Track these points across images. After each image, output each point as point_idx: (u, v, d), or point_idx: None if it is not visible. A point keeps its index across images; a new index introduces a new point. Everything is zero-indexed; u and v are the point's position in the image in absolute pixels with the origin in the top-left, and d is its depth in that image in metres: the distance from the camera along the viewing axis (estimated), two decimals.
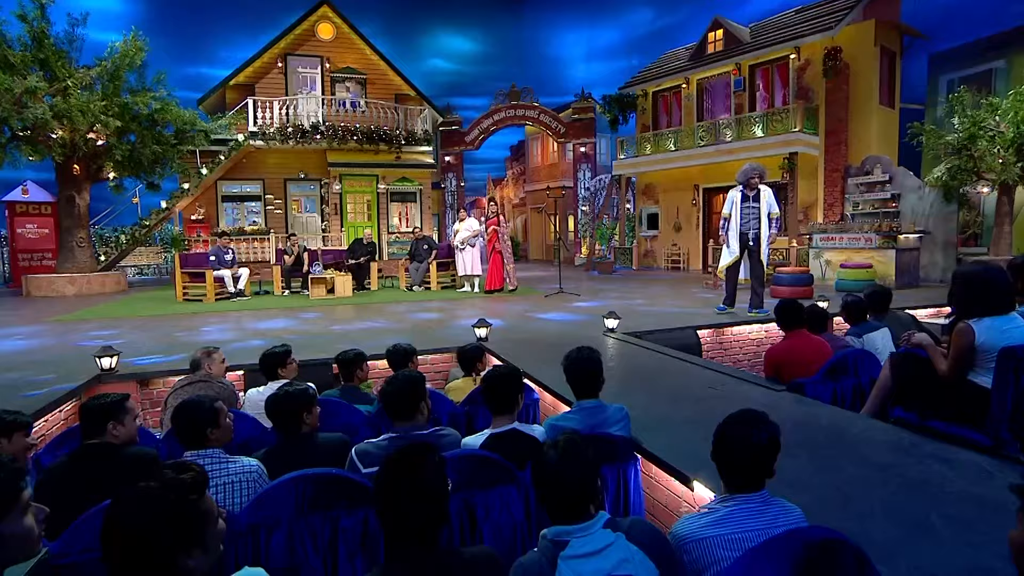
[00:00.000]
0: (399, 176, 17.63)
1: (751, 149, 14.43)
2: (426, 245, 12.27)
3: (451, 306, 9.32)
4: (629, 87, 18.93)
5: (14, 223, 15.00)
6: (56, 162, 12.33)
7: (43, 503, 1.43)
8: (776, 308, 4.09)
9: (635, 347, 5.38)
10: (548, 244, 25.81)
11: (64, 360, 5.29)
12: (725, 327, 6.69)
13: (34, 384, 4.32)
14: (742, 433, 1.71)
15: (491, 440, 2.47)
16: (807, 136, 13.91)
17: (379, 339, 6.21)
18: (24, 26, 11.66)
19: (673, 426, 3.09)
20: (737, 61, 15.81)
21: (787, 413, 3.23)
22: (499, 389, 2.56)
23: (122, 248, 15.27)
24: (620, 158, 18.27)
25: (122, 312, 9.21)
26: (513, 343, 5.69)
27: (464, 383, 4.01)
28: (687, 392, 3.81)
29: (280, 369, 3.56)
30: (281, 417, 2.42)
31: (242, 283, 11.03)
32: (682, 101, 17.62)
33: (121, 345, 5.05)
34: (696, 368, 4.51)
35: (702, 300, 9.31)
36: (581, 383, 2.71)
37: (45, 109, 11.03)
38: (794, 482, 2.29)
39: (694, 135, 15.92)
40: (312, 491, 2.04)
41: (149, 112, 12.74)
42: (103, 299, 11.48)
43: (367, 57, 18.29)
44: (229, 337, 6.59)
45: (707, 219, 17.12)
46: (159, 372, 4.88)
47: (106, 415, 2.30)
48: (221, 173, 16.27)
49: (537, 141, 26.08)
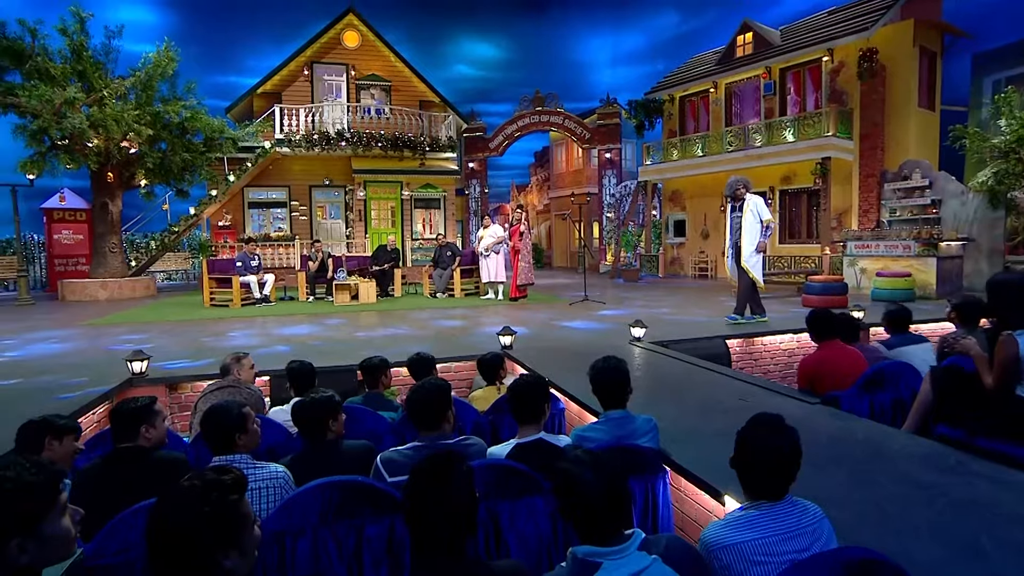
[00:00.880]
0: (423, 183, 17.79)
1: (781, 154, 14.23)
2: (449, 252, 12.34)
3: (475, 313, 9.35)
4: (655, 92, 18.85)
5: (51, 229, 15.53)
6: (91, 170, 12.75)
7: (77, 505, 1.47)
8: (808, 318, 3.99)
9: (662, 357, 5.32)
10: (572, 251, 25.73)
11: (96, 364, 5.44)
12: (755, 337, 6.59)
13: (68, 387, 4.45)
14: (762, 439, 1.71)
15: (517, 450, 2.46)
16: (841, 140, 13.66)
17: (403, 346, 6.25)
18: (64, 39, 12.13)
19: (703, 438, 3.04)
20: (767, 64, 15.63)
21: (821, 427, 3.16)
22: (525, 398, 2.56)
23: (152, 254, 15.69)
24: (646, 164, 18.17)
25: (151, 317, 9.44)
26: (538, 351, 5.68)
27: (487, 392, 4.01)
28: (717, 403, 3.75)
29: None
30: (307, 424, 2.45)
31: (267, 289, 11.21)
32: (710, 106, 17.47)
33: (150, 350, 5.17)
34: (725, 379, 4.44)
35: (731, 309, 9.15)
36: (608, 393, 2.69)
37: (82, 119, 11.44)
38: (829, 498, 2.24)
39: (722, 140, 15.76)
40: (338, 499, 2.05)
41: (180, 120, 13.11)
42: (133, 304, 11.78)
43: (392, 64, 18.54)
44: (255, 343, 6.70)
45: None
46: (187, 376, 4.98)
47: (138, 418, 2.36)
48: (248, 180, 16.60)
49: (561, 147, 26.08)
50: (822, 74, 14.69)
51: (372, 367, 3.65)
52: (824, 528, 1.71)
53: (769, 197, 15.59)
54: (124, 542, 1.85)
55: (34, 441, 2.30)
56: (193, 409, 3.62)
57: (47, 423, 2.33)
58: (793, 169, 14.82)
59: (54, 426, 2.33)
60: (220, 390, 3.52)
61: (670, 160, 17.35)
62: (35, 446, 2.29)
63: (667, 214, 19.14)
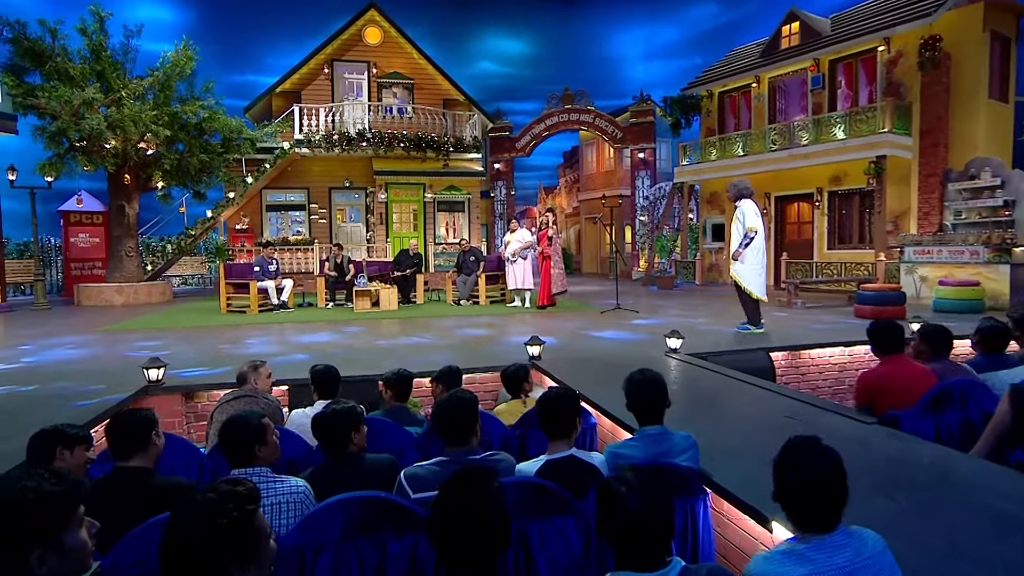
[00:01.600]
0: (446, 184, 17.94)
1: (831, 153, 13.95)
2: (473, 257, 12.40)
3: (501, 321, 9.37)
4: (692, 88, 18.71)
5: (68, 232, 16.05)
6: (108, 172, 13.17)
7: (91, 517, 1.51)
8: (871, 329, 3.81)
9: (700, 369, 5.26)
10: (603, 257, 25.64)
11: (112, 371, 5.60)
12: (802, 350, 6.47)
13: (84, 394, 4.58)
14: (799, 466, 1.65)
15: (547, 467, 2.45)
16: (898, 137, 13.31)
17: (426, 355, 6.30)
18: (84, 39, 12.58)
19: (747, 458, 2.99)
20: (815, 56, 15.36)
21: (879, 449, 3.07)
22: (555, 412, 2.56)
23: (168, 258, 16.10)
24: (682, 164, 18.02)
25: (167, 323, 9.68)
26: (567, 362, 5.67)
27: (512, 406, 4.01)
28: (761, 421, 3.69)
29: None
30: (328, 437, 2.48)
31: (285, 295, 11.40)
32: (752, 102, 17.27)
33: (166, 357, 5.29)
34: (770, 394, 4.37)
35: (774, 319, 9.03)
36: (644, 408, 2.68)
37: (100, 120, 11.83)
38: (889, 526, 2.16)
39: (765, 139, 15.55)
40: (360, 515, 2.07)
41: (197, 121, 13.48)
42: (149, 309, 12.10)
43: (414, 61, 18.76)
44: (273, 351, 6.81)
45: (779, 230, 16.65)
46: (204, 385, 5.09)
47: (149, 424, 2.39)
48: (266, 182, 16.94)
49: (592, 147, 26.06)
50: (877, 65, 14.37)
51: (398, 380, 3.68)
52: (886, 562, 1.64)
53: (817, 199, 15.31)
54: (141, 555, 1.89)
55: (46, 451, 2.35)
56: (209, 419, 3.69)
57: (59, 433, 2.38)
58: (843, 169, 14.53)
59: (66, 436, 2.38)
60: (237, 400, 3.58)
61: (708, 160, 17.18)
62: (47, 456, 2.33)
63: (704, 217, 18.95)
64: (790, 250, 15.04)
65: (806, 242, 15.76)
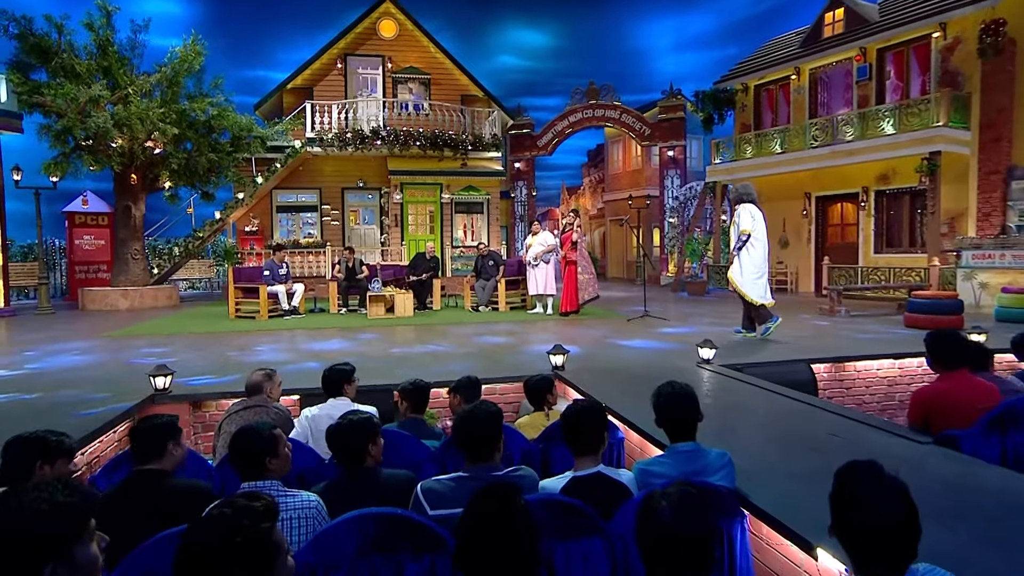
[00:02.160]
0: (465, 185, 18.02)
1: (878, 149, 13.71)
2: (492, 261, 12.43)
3: (522, 329, 9.39)
4: (726, 81, 18.59)
5: (72, 234, 16.41)
6: (114, 172, 13.45)
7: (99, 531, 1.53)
8: (929, 340, 3.70)
9: (735, 382, 5.23)
10: (630, 261, 25.53)
11: (117, 378, 5.71)
12: (847, 361, 6.39)
13: (88, 403, 4.68)
14: (860, 510, 1.53)
15: (573, 484, 2.44)
16: (954, 131, 13.01)
17: (443, 364, 6.33)
18: (90, 34, 12.86)
19: (787, 478, 2.95)
20: (862, 45, 15.11)
21: (935, 472, 3.00)
22: (581, 426, 2.56)
23: (175, 261, 16.36)
24: (715, 163, 17.90)
25: (173, 329, 9.84)
26: (592, 373, 5.66)
27: (534, 418, 4.02)
28: (802, 438, 3.64)
29: (347, 386, 3.80)
30: (344, 449, 2.50)
31: (296, 300, 11.53)
32: (791, 95, 17.09)
33: (173, 364, 5.39)
34: (811, 409, 4.31)
35: (816, 328, 8.93)
36: (675, 423, 2.66)
37: (107, 118, 12.09)
38: (950, 559, 2.09)
39: (805, 134, 15.38)
40: (375, 532, 2.08)
41: (206, 119, 13.70)
42: (155, 314, 12.32)
43: (431, 55, 18.90)
44: (283, 358, 6.89)
45: (821, 233, 16.43)
46: (212, 394, 5.17)
47: (166, 433, 2.46)
48: (277, 182, 17.17)
49: (618, 145, 26.00)
50: (931, 53, 14.07)
51: (415, 390, 3.70)
52: None
53: (863, 200, 15.06)
54: (149, 570, 1.92)
55: (21, 464, 2.18)
56: (216, 431, 3.74)
57: (38, 442, 2.23)
58: (892, 166, 14.28)
59: (46, 447, 2.22)
60: (246, 410, 3.64)
61: (743, 158, 17.04)
62: (21, 470, 2.16)
63: None
64: (833, 254, 14.81)
65: (850, 245, 15.53)
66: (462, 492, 2.27)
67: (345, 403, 3.69)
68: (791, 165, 15.68)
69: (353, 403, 3.72)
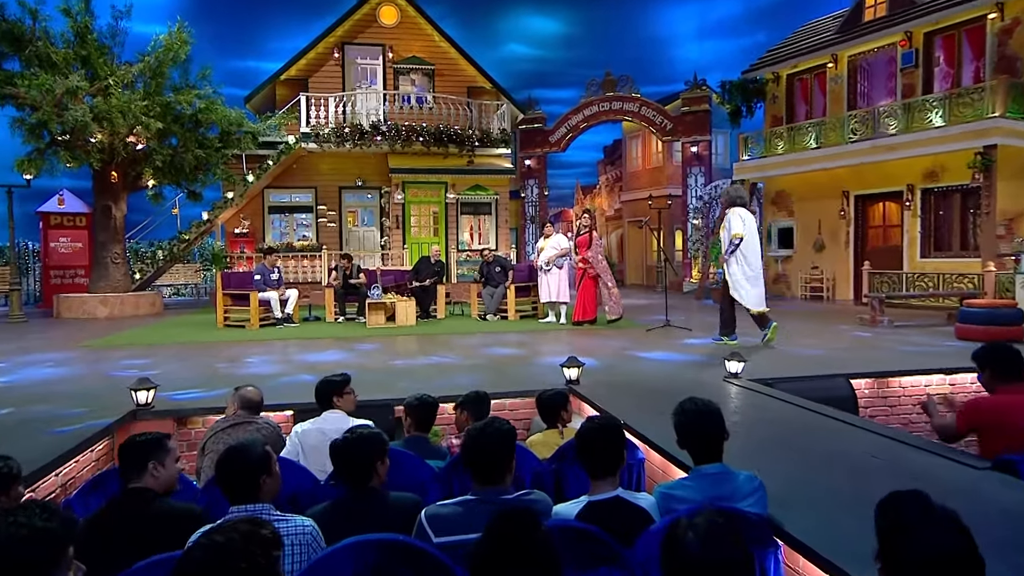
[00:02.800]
0: (471, 184, 18.07)
1: (925, 143, 13.55)
2: (499, 267, 12.43)
3: (533, 340, 9.41)
4: (756, 70, 18.56)
5: (48, 236, 16.51)
6: (93, 169, 13.53)
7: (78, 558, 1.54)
8: (984, 353, 3.64)
9: (766, 398, 5.22)
10: (650, 266, 25.48)
11: (95, 392, 5.74)
12: (891, 376, 6.34)
13: (64, 419, 4.70)
14: (911, 545, 1.47)
15: (589, 509, 2.44)
16: (1012, 122, 12.78)
17: (448, 377, 6.35)
18: (68, 21, 12.98)
19: (825, 504, 2.93)
20: (907, 29, 14.99)
21: (993, 500, 2.96)
22: (597, 446, 2.55)
23: (158, 265, 16.48)
24: (743, 159, 17.85)
25: (157, 338, 9.91)
26: (610, 388, 5.67)
27: (547, 436, 4.03)
28: (840, 460, 3.62)
29: (336, 398, 3.80)
30: (350, 466, 2.50)
31: (290, 307, 11.59)
32: (827, 85, 17.04)
33: (156, 377, 5.41)
34: (851, 429, 4.30)
35: (856, 340, 8.87)
36: (699, 443, 2.66)
37: (85, 111, 12.17)
38: None
39: (843, 128, 15.31)
40: (375, 560, 2.07)
41: (192, 112, 13.81)
42: (137, 322, 12.40)
43: (435, 44, 19.00)
44: (275, 371, 6.94)
45: (860, 235, 16.33)
46: (198, 409, 5.20)
47: (147, 453, 2.46)
48: (269, 180, 17.28)
49: (637, 140, 25.99)
50: (986, 36, 13.91)
51: (421, 406, 3.71)
52: None
53: (907, 199, 14.93)
54: None
55: None
56: (200, 450, 3.75)
57: None
58: (941, 162, 14.17)
59: None
60: (233, 427, 3.65)
61: (774, 154, 16.99)
62: None
63: (770, 221, 18.71)
64: (874, 259, 14.71)
65: (893, 249, 15.42)
66: (470, 517, 2.26)
67: (339, 417, 3.69)
68: (828, 161, 15.61)
69: (348, 417, 3.73)
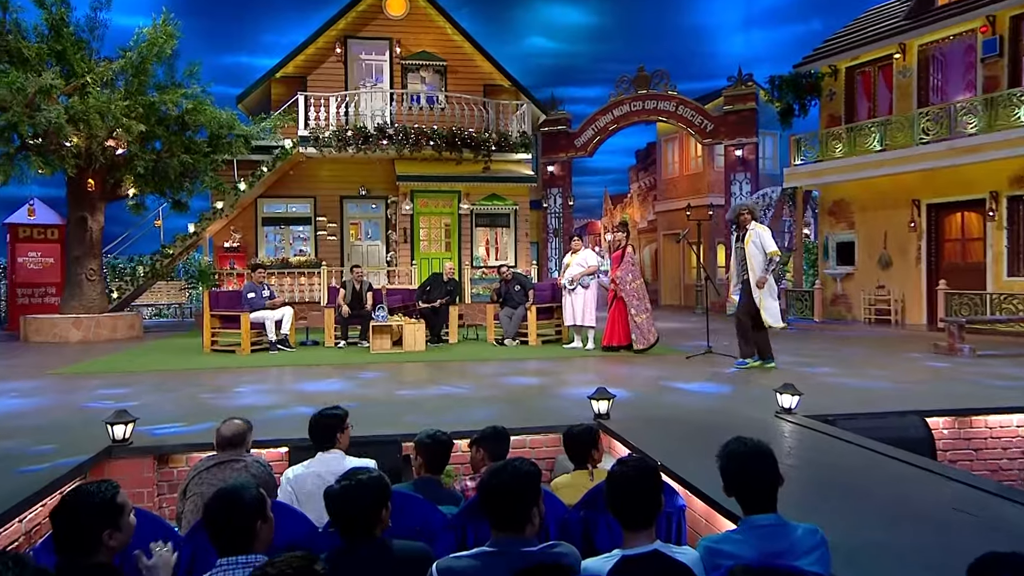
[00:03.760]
0: (487, 193, 18.16)
1: (1011, 144, 13.39)
2: (518, 286, 12.42)
3: (556, 368, 9.40)
4: (810, 63, 18.52)
5: (15, 251, 16.73)
6: (68, 176, 13.73)
7: None
8: None
9: (826, 438, 5.17)
10: (688, 284, 25.37)
11: (66, 426, 5.78)
12: (974, 415, 6.23)
13: (30, 458, 4.71)
14: None
15: (624, 566, 2.41)
16: None
17: (461, 411, 6.33)
18: (42, 13, 13.22)
19: (898, 565, 2.88)
20: (989, 12, 14.84)
21: None
22: (631, 491, 2.53)
23: (139, 283, 16.66)
24: (795, 164, 17.81)
25: (136, 365, 9.98)
26: (645, 423, 5.65)
27: (575, 479, 3.99)
28: (917, 512, 3.56)
29: (339, 434, 3.81)
30: (348, 516, 2.48)
31: (285, 329, 11.64)
32: (893, 78, 16.95)
33: (135, 409, 5.43)
34: (927, 476, 4.22)
35: (931, 372, 8.75)
36: (749, 490, 2.62)
37: (60, 111, 12.35)
38: None
39: (913, 127, 15.23)
40: None
41: (179, 113, 14.02)
42: (113, 347, 12.52)
43: (448, 38, 19.19)
44: (268, 402, 6.97)
45: (935, 250, 16.13)
46: (182, 446, 5.20)
47: (99, 521, 2.30)
48: (263, 188, 17.47)
49: (673, 143, 26.01)
50: None
51: (434, 444, 3.68)
52: None
53: (991, 208, 14.75)
54: None
55: None
56: (181, 493, 3.74)
57: None
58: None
59: None
60: (218, 466, 3.65)
61: (831, 158, 16.94)
62: None
63: (826, 233, 18.59)
64: (951, 277, 14.55)
65: (974, 266, 15.23)
66: (488, 572, 2.25)
67: (335, 457, 3.68)
68: (895, 166, 15.52)
69: (346, 457, 3.72)
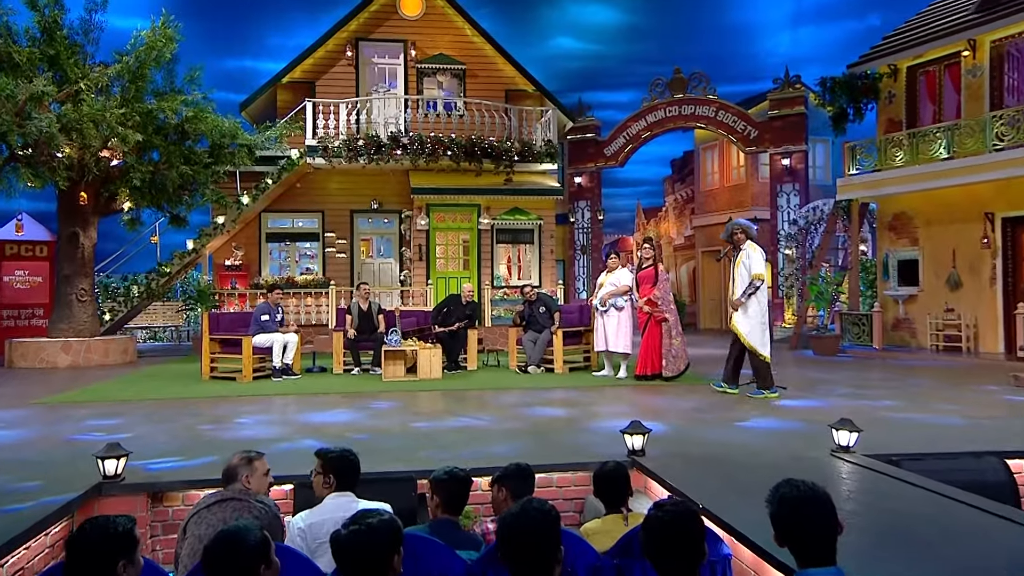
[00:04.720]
0: (509, 206, 18.22)
1: None
2: (543, 308, 12.39)
3: (585, 398, 9.36)
4: (867, 62, 18.40)
5: (1, 269, 16.91)
6: (59, 189, 13.95)
7: None
8: None
9: (890, 480, 5.07)
10: None
11: (53, 461, 5.81)
12: None
13: (13, 495, 4.72)
14: None
15: None
16: None
17: (481, 445, 6.31)
18: (34, 15, 13.49)
19: None
20: None
21: None
22: (671, 538, 2.52)
23: (133, 304, 16.85)
24: (850, 174, 17.70)
25: (129, 393, 10.07)
26: (685, 461, 5.59)
27: (608, 523, 3.95)
28: (996, 568, 3.48)
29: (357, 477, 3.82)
30: (358, 563, 2.46)
31: (290, 355, 11.69)
32: (962, 79, 16.79)
33: (127, 442, 5.45)
34: (1009, 526, 4.10)
35: (1010, 407, 8.61)
36: (803, 540, 2.56)
37: (52, 120, 12.58)
38: None
39: (985, 132, 15.09)
40: None
41: (178, 122, 14.21)
42: (104, 373, 12.65)
43: (467, 39, 19.38)
44: (272, 434, 7.00)
45: (1012, 270, 15.87)
46: (178, 482, 5.20)
47: (115, 551, 2.39)
48: (267, 202, 17.66)
49: (713, 152, 25.97)
50: None
51: (452, 482, 3.67)
52: None
53: None
54: None
55: None
56: (181, 533, 3.74)
57: None
58: None
59: None
60: (220, 504, 3.64)
61: (891, 167, 16.81)
62: None
63: (886, 250, 18.41)
64: None
65: None
66: None
67: (345, 502, 3.65)
68: (964, 175, 15.36)
69: (356, 499, 3.69)
